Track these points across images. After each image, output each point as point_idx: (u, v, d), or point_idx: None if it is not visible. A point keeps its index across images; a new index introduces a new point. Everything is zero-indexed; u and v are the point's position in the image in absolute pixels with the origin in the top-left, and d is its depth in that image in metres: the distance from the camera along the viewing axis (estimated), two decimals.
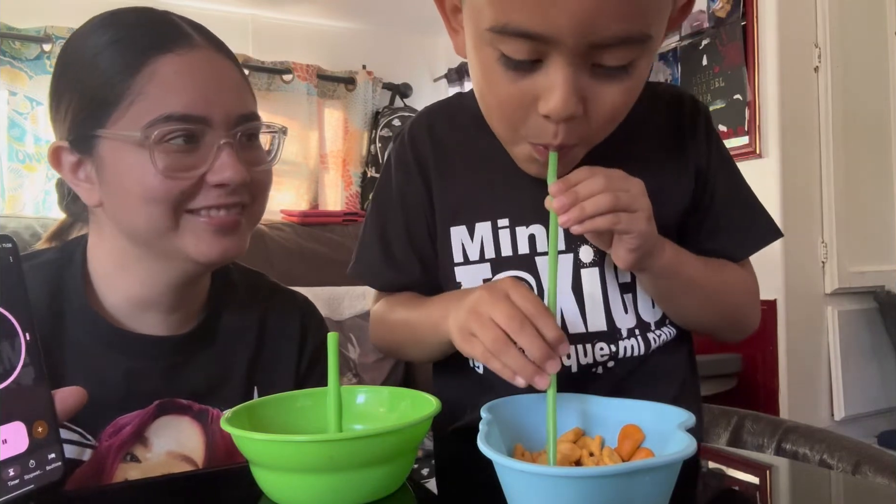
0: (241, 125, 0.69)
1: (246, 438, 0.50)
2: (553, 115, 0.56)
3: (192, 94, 0.66)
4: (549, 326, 0.55)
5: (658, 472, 0.42)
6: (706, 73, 2.35)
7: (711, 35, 2.34)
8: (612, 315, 0.70)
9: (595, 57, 0.54)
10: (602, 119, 0.59)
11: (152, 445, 0.70)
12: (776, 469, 0.69)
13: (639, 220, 0.60)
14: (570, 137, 0.59)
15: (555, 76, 0.55)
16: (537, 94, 0.56)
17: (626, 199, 0.59)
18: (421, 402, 0.59)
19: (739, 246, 0.75)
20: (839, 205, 2.24)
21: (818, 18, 2.25)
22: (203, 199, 0.67)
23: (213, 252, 0.69)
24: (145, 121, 0.64)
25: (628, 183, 0.60)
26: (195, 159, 0.66)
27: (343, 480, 0.49)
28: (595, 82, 0.56)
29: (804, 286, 2.21)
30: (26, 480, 0.44)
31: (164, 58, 0.66)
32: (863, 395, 2.29)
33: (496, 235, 0.72)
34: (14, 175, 2.36)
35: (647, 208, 0.61)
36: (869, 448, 1.09)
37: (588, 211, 0.57)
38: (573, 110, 0.56)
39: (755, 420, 1.26)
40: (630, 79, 0.57)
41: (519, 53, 0.55)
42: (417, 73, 3.23)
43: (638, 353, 0.71)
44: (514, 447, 0.54)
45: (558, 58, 0.54)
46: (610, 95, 0.57)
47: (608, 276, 0.70)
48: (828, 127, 2.24)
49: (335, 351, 0.57)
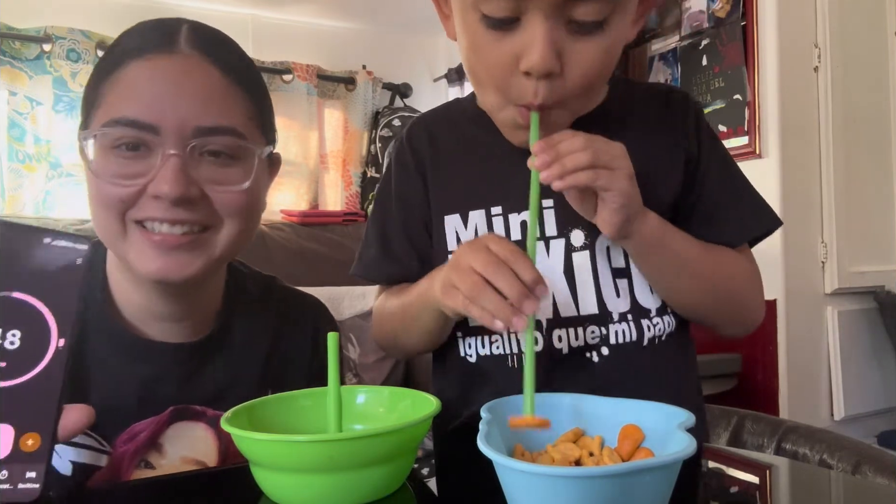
0: (198, 138, 0.65)
1: (246, 438, 0.50)
2: (533, 70, 0.59)
3: (143, 100, 0.64)
4: (526, 268, 0.57)
5: (658, 472, 0.42)
6: (706, 73, 2.35)
7: (711, 35, 2.34)
8: (604, 298, 0.71)
9: (570, 11, 0.58)
10: (578, 77, 0.62)
11: (166, 452, 0.70)
12: (776, 469, 0.69)
13: (619, 177, 0.61)
14: (549, 96, 0.62)
15: (532, 31, 0.59)
16: (519, 52, 0.60)
17: (605, 156, 0.60)
18: (421, 402, 0.59)
19: (734, 231, 0.74)
20: (839, 205, 2.24)
21: (818, 18, 2.25)
22: (145, 210, 0.65)
23: (150, 268, 0.65)
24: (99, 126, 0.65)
25: (609, 144, 0.62)
26: (141, 167, 0.64)
27: (343, 480, 0.49)
28: (571, 38, 0.60)
29: (804, 286, 2.21)
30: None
31: (133, 63, 0.65)
32: (863, 395, 2.29)
33: (490, 223, 0.73)
34: (14, 175, 2.36)
35: (628, 167, 0.62)
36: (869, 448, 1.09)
37: (568, 166, 0.59)
38: (551, 65, 0.59)
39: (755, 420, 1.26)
40: (604, 36, 0.60)
41: (498, 11, 0.59)
42: (417, 73, 3.22)
43: (630, 338, 0.71)
44: (514, 447, 0.54)
45: (535, 13, 0.58)
46: (586, 52, 0.60)
47: (600, 260, 0.71)
48: (828, 127, 2.24)
49: (335, 351, 0.58)
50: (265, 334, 0.80)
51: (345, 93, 2.99)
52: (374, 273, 0.81)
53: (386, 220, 0.80)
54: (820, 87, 2.25)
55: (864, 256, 2.31)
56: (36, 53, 2.38)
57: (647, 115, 0.75)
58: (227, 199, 0.67)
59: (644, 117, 0.75)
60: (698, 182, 0.74)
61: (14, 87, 2.37)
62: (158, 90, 0.64)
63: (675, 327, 0.74)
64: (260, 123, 0.72)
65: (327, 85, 2.94)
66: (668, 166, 0.73)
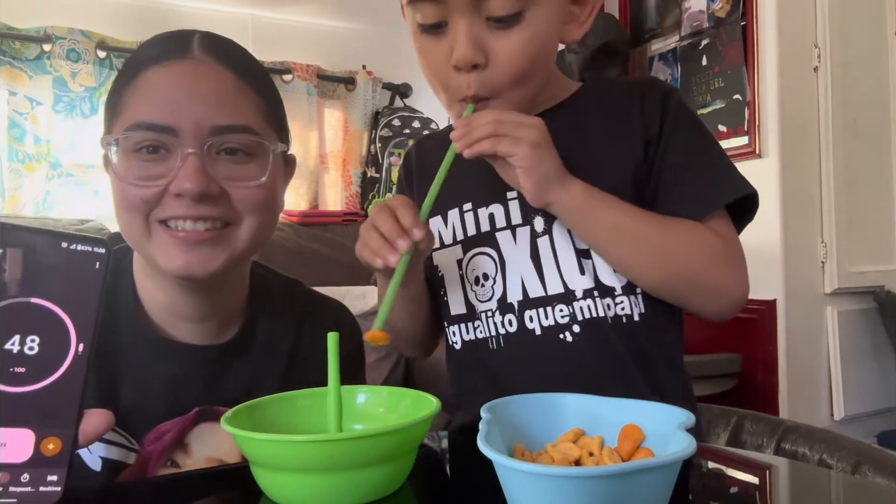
0: (215, 137, 0.67)
1: (246, 438, 0.50)
2: (458, 62, 0.68)
3: (161, 103, 0.67)
4: (406, 216, 0.66)
5: (658, 472, 0.42)
6: (706, 73, 2.35)
7: (711, 35, 2.34)
8: (565, 277, 0.75)
9: (485, 9, 0.66)
10: (504, 67, 0.69)
11: (192, 451, 0.71)
12: (776, 469, 0.69)
13: (520, 144, 0.67)
14: (481, 87, 0.69)
15: (454, 30, 0.68)
16: (450, 51, 0.68)
17: (508, 126, 0.67)
18: (421, 402, 0.59)
19: (696, 204, 0.72)
20: (839, 205, 2.24)
21: (818, 18, 2.25)
22: (168, 210, 0.67)
23: (174, 264, 0.68)
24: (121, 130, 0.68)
25: (519, 117, 0.68)
26: (162, 169, 0.67)
27: (343, 480, 0.49)
28: (492, 33, 0.68)
29: (804, 286, 2.21)
30: (11, 493, 0.40)
31: (151, 70, 0.69)
32: (862, 395, 2.29)
33: (463, 218, 0.80)
34: (14, 175, 2.36)
35: (533, 136, 0.67)
36: (869, 448, 1.09)
37: (474, 135, 0.67)
38: (472, 57, 0.67)
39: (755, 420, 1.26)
40: (522, 29, 0.68)
41: (426, 18, 0.69)
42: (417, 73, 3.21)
43: (597, 314, 0.73)
44: (514, 447, 0.54)
45: (456, 16, 0.67)
46: (507, 44, 0.68)
47: (560, 241, 0.75)
48: (827, 127, 2.24)
49: (335, 351, 0.58)
50: (288, 336, 0.81)
51: (345, 93, 2.99)
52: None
53: None
54: (820, 87, 2.25)
55: (864, 256, 2.31)
56: (36, 53, 2.38)
57: (610, 105, 0.79)
58: (245, 195, 0.70)
59: (606, 107, 0.78)
60: (657, 160, 0.75)
61: (14, 87, 2.37)
62: (175, 94, 0.67)
63: (647, 308, 0.74)
64: (273, 122, 0.74)
65: (327, 85, 2.94)
66: (626, 148, 0.75)
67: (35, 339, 0.42)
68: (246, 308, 0.80)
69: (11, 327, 0.41)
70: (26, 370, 0.41)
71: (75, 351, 0.43)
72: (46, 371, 0.42)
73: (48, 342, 0.42)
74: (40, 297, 0.42)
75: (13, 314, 0.41)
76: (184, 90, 0.68)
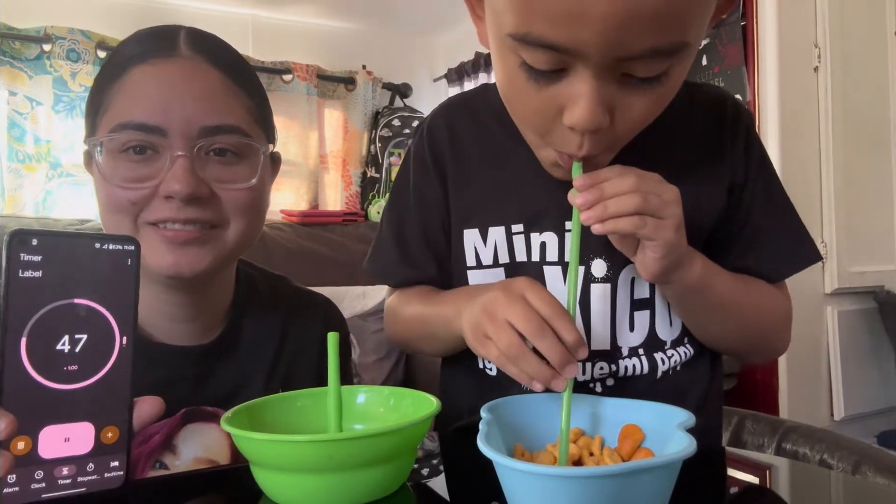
0: (204, 138, 0.66)
1: (246, 438, 0.50)
2: (578, 128, 0.53)
3: (150, 103, 0.65)
4: (568, 329, 0.53)
5: (658, 472, 0.42)
6: (706, 73, 2.35)
7: (711, 35, 2.34)
8: (616, 333, 0.68)
9: (625, 68, 0.51)
10: (630, 126, 0.56)
11: (180, 453, 0.71)
12: (776, 469, 0.69)
13: (666, 227, 0.56)
14: (595, 148, 0.56)
15: (580, 88, 0.51)
16: (562, 103, 0.53)
17: (655, 203, 0.55)
18: (421, 402, 0.58)
19: (776, 267, 0.71)
20: (839, 205, 2.24)
21: (818, 18, 2.25)
22: (157, 212, 0.66)
23: (164, 263, 0.67)
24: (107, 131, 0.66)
25: (661, 187, 0.57)
26: (151, 170, 0.66)
27: (343, 480, 0.49)
28: (623, 92, 0.53)
29: (804, 286, 2.21)
30: (80, 482, 0.44)
31: (137, 68, 0.67)
32: (863, 395, 2.29)
33: (510, 240, 0.70)
34: (14, 175, 2.36)
35: (678, 216, 0.57)
36: (869, 448, 1.09)
37: (611, 210, 0.54)
38: (599, 122, 0.53)
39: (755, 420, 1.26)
40: (663, 87, 0.53)
41: (541, 64, 0.51)
42: (417, 73, 3.23)
43: (640, 372, 0.68)
44: (514, 447, 0.54)
45: (584, 69, 0.50)
46: (640, 105, 0.54)
47: (620, 293, 0.67)
48: (828, 127, 2.24)
49: (335, 351, 0.58)
50: (275, 333, 0.80)
51: (345, 93, 2.99)
52: (391, 277, 0.79)
53: (404, 218, 0.77)
54: (820, 87, 2.25)
55: (864, 256, 2.31)
56: (36, 53, 2.38)
57: (695, 130, 0.70)
58: (234, 197, 0.69)
59: (692, 134, 0.69)
60: (743, 209, 0.70)
61: (14, 87, 2.37)
62: (163, 93, 0.66)
63: (691, 356, 0.71)
64: (261, 122, 0.73)
65: (327, 85, 2.94)
66: (713, 191, 0.69)
67: (82, 337, 0.44)
68: (231, 306, 0.79)
69: (60, 328, 0.44)
70: (78, 367, 0.44)
71: (120, 344, 0.46)
72: (97, 366, 0.45)
73: (95, 339, 0.45)
74: (82, 297, 0.45)
75: (60, 316, 0.44)
76: (172, 89, 0.66)
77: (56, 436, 0.43)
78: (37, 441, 0.43)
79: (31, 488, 0.42)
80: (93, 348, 0.45)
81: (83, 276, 0.45)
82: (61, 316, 0.44)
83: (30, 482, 0.42)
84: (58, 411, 0.43)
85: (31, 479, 0.42)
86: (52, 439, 0.43)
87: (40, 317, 0.43)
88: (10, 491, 0.41)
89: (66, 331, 0.44)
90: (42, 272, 0.43)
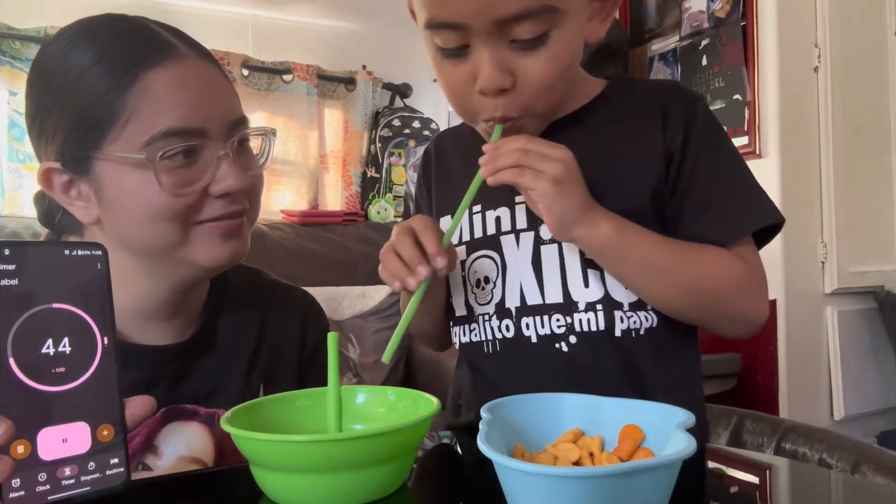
0: (234, 132, 0.69)
1: (246, 438, 0.50)
2: (483, 89, 0.65)
3: (186, 106, 0.66)
4: (430, 242, 0.66)
5: (658, 472, 0.42)
6: (706, 74, 2.35)
7: (711, 35, 2.34)
8: (569, 288, 0.72)
9: (508, 33, 0.63)
10: (532, 88, 0.66)
11: (162, 453, 0.70)
12: (776, 469, 0.69)
13: (543, 179, 0.64)
14: (509, 109, 0.67)
15: (478, 56, 0.64)
16: (473, 74, 0.65)
17: (533, 157, 0.64)
18: (421, 402, 0.59)
19: (726, 230, 0.71)
20: (839, 205, 2.24)
21: (818, 18, 2.25)
22: (209, 211, 0.68)
23: (223, 256, 0.70)
24: (143, 139, 0.64)
25: (548, 148, 0.65)
26: (196, 172, 0.66)
27: (343, 480, 0.49)
28: (516, 55, 0.64)
29: (804, 286, 2.21)
30: (83, 482, 0.44)
31: (153, 72, 0.65)
32: (862, 395, 2.29)
33: (471, 220, 0.79)
34: (14, 175, 2.36)
35: (558, 171, 0.64)
36: (869, 448, 1.09)
37: (497, 164, 0.64)
38: (499, 82, 0.64)
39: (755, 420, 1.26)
40: (548, 49, 0.64)
41: (447, 42, 0.65)
42: (417, 73, 3.22)
43: (597, 328, 0.71)
44: (514, 447, 0.54)
45: (478, 40, 0.64)
46: (533, 66, 0.65)
47: (568, 251, 0.73)
48: (827, 127, 2.24)
49: (335, 351, 0.58)
50: (252, 326, 0.80)
51: (345, 93, 2.99)
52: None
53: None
54: (820, 87, 2.25)
55: (863, 256, 2.31)
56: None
57: (633, 114, 0.75)
58: (256, 182, 0.73)
59: (629, 115, 0.75)
60: (684, 177, 0.72)
61: (14, 87, 2.37)
62: (193, 94, 0.67)
63: (657, 323, 0.72)
64: None
65: (327, 85, 2.94)
66: (646, 160, 0.72)
67: (66, 339, 0.46)
68: (206, 302, 0.79)
69: (43, 333, 0.45)
70: (66, 369, 0.45)
71: (102, 344, 0.47)
72: (83, 366, 0.46)
73: (78, 341, 0.46)
74: (60, 301, 0.46)
75: (41, 321, 0.45)
76: (200, 90, 0.67)
77: (54, 437, 0.44)
78: (36, 444, 0.43)
79: (36, 491, 0.43)
80: (77, 350, 0.46)
81: (58, 282, 0.46)
82: (42, 321, 0.45)
83: (34, 485, 0.43)
84: (52, 413, 0.44)
85: (36, 481, 0.43)
86: (50, 441, 0.44)
87: (22, 322, 0.44)
88: (16, 496, 0.42)
89: (49, 335, 0.45)
90: (18, 280, 0.44)
